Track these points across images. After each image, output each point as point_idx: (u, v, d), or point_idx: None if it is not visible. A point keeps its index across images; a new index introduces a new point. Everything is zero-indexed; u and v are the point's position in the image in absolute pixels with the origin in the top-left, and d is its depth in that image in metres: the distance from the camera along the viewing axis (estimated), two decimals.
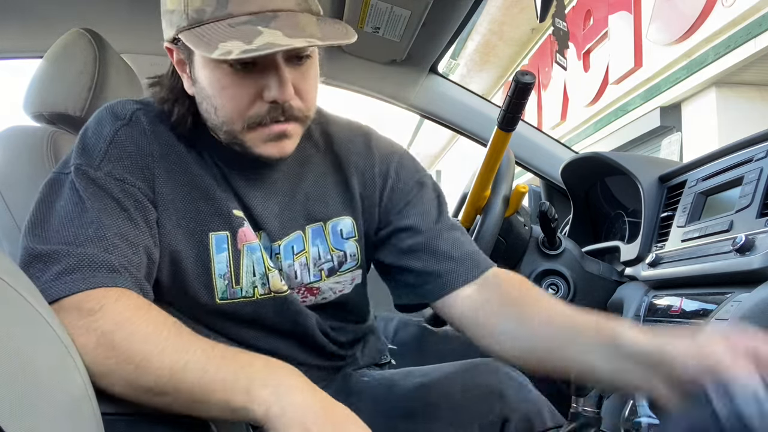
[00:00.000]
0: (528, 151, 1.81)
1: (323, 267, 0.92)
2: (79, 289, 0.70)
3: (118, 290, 0.72)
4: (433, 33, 1.56)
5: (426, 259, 0.90)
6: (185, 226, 0.85)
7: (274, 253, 0.90)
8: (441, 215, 0.94)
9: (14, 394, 0.46)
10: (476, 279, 0.88)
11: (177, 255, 0.84)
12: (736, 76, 5.58)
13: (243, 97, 0.77)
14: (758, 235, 0.86)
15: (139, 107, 0.86)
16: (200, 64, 0.79)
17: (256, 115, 0.78)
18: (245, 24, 0.73)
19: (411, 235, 0.92)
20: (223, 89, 0.78)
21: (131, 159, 0.82)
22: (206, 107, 0.81)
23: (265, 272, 0.89)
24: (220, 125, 0.81)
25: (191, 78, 0.82)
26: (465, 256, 0.90)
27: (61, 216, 0.77)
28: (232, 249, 0.87)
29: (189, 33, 0.75)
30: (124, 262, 0.75)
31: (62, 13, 1.51)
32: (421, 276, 0.90)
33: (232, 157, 0.86)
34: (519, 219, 1.21)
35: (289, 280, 0.91)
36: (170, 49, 0.83)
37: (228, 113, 0.79)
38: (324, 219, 0.92)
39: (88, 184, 0.79)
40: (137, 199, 0.81)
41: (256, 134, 0.80)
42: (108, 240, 0.75)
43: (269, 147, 0.81)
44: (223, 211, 0.86)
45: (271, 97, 0.76)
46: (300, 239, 0.91)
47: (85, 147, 0.82)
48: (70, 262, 0.72)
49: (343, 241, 0.93)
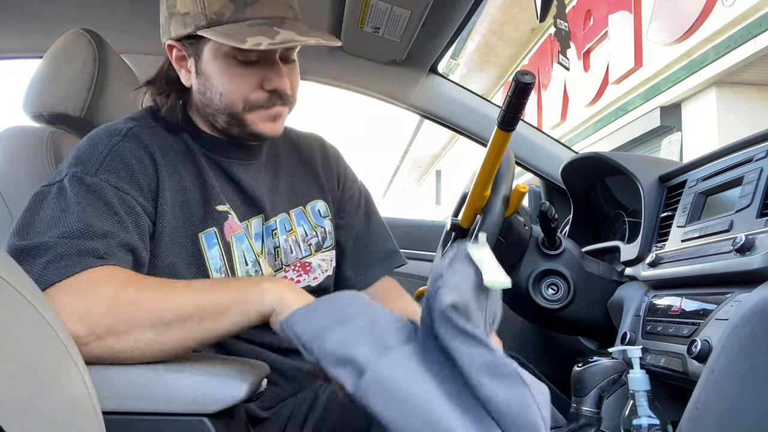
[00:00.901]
0: (528, 151, 1.81)
1: (311, 242, 1.07)
2: (71, 272, 0.73)
3: (106, 268, 0.77)
4: (433, 33, 1.56)
5: (344, 259, 1.14)
6: (178, 237, 0.91)
7: (271, 230, 1.03)
8: (369, 223, 1.17)
9: (14, 393, 0.46)
10: (367, 286, 1.13)
11: (173, 268, 0.90)
12: (736, 76, 5.58)
13: (246, 85, 0.93)
14: (758, 235, 0.86)
15: (133, 124, 0.95)
16: (210, 57, 0.93)
17: (257, 100, 0.94)
18: (262, 25, 0.89)
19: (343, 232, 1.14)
20: (230, 77, 0.93)
21: (128, 170, 0.88)
22: (209, 95, 0.95)
23: (256, 259, 0.98)
24: (222, 109, 0.95)
25: (193, 71, 0.96)
26: (372, 262, 1.15)
27: (47, 219, 0.79)
28: (222, 242, 0.95)
29: (211, 30, 0.89)
30: (110, 252, 0.79)
31: (62, 13, 1.51)
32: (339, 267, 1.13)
33: (223, 147, 1.00)
34: (519, 219, 1.21)
35: (286, 256, 1.04)
36: (171, 47, 0.96)
37: (232, 98, 0.94)
38: (303, 203, 1.09)
39: (81, 189, 0.82)
40: (130, 206, 0.85)
41: (255, 115, 0.95)
42: (96, 236, 0.78)
43: (266, 125, 0.97)
44: (209, 211, 0.95)
45: (272, 86, 0.93)
46: (287, 220, 1.05)
47: (81, 158, 0.87)
48: (59, 251, 0.75)
49: (322, 219, 1.10)
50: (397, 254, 1.19)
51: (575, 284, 1.24)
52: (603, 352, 1.37)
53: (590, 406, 0.93)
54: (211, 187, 0.96)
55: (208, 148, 0.99)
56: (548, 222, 1.21)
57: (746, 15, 5.03)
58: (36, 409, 0.48)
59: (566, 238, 1.29)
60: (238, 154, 1.01)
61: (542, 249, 1.25)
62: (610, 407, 1.01)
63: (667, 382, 0.97)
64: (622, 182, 1.42)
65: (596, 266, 1.28)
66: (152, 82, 1.01)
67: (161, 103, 0.98)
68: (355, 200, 1.18)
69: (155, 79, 1.01)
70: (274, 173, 1.07)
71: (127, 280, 0.76)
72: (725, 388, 0.76)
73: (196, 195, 0.94)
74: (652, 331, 1.02)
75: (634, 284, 1.21)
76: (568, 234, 1.62)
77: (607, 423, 0.97)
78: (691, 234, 1.05)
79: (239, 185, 1.00)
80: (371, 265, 1.16)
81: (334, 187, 1.15)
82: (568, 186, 1.61)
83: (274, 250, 1.02)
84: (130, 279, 0.76)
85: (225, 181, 0.99)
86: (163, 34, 0.97)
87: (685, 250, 1.04)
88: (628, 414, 0.91)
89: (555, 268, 1.24)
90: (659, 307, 1.05)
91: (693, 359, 0.84)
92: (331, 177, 1.15)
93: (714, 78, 5.60)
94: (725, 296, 0.88)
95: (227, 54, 0.92)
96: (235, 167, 1.00)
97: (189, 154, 0.97)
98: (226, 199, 0.97)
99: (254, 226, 1.00)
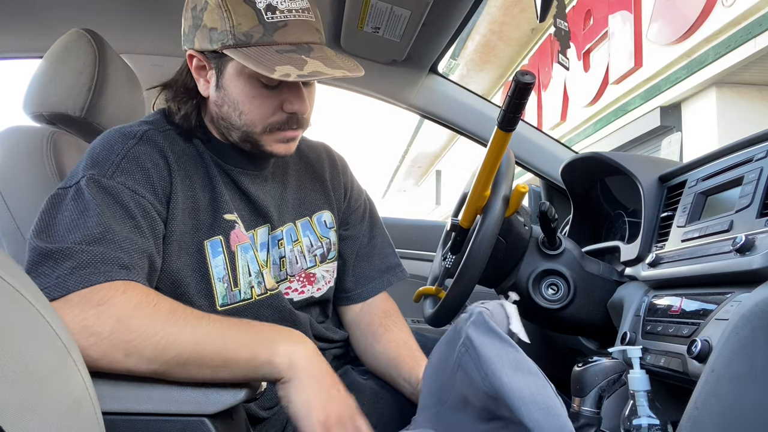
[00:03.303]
0: (528, 151, 1.81)
1: (316, 253, 1.07)
2: (94, 282, 0.73)
3: (125, 282, 0.76)
4: (433, 33, 1.56)
5: (345, 270, 1.14)
6: (185, 243, 0.91)
7: (277, 240, 1.02)
8: (372, 236, 1.18)
9: (15, 394, 0.46)
10: (365, 300, 1.14)
11: (178, 273, 0.90)
12: (736, 76, 5.58)
13: (268, 107, 0.92)
14: (758, 235, 0.86)
15: (148, 127, 0.95)
16: (233, 75, 0.91)
17: (276, 122, 0.93)
18: (291, 53, 0.87)
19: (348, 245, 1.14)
20: (252, 99, 0.92)
21: (145, 174, 0.88)
22: (226, 110, 0.94)
23: (260, 270, 0.97)
24: (240, 126, 0.94)
25: (213, 83, 0.94)
26: (373, 275, 1.15)
27: (67, 221, 0.79)
28: (227, 251, 0.94)
29: (238, 52, 0.87)
30: (132, 262, 0.79)
31: (62, 13, 1.51)
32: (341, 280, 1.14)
33: (233, 156, 0.99)
34: (519, 219, 1.21)
35: (292, 266, 1.03)
36: (192, 56, 0.94)
37: (252, 118, 0.93)
38: (309, 214, 1.08)
39: (99, 192, 0.81)
40: (146, 210, 0.84)
41: (272, 137, 0.95)
42: (117, 242, 0.79)
43: (280, 146, 0.96)
44: (216, 219, 0.94)
45: (293, 109, 0.92)
46: (293, 230, 1.05)
47: (96, 160, 0.86)
48: (83, 258, 0.75)
49: (328, 230, 1.10)
50: (398, 268, 1.19)
51: (575, 284, 1.24)
52: (603, 352, 1.37)
53: (590, 406, 0.93)
54: (220, 195, 0.95)
55: (219, 155, 0.99)
56: (548, 222, 1.21)
57: (746, 15, 5.03)
58: (36, 409, 0.48)
59: (566, 238, 1.29)
60: (246, 164, 1.00)
61: (542, 249, 1.25)
62: (610, 407, 1.01)
63: (667, 382, 0.97)
64: (622, 182, 1.42)
65: (596, 266, 1.28)
66: (169, 85, 1.00)
67: (176, 109, 0.97)
68: (360, 212, 1.17)
69: (172, 84, 1.00)
70: (282, 183, 1.07)
71: (140, 302, 0.74)
72: (725, 388, 0.76)
73: (205, 202, 0.94)
74: (652, 331, 1.02)
75: (634, 284, 1.20)
76: (568, 234, 1.62)
77: (607, 423, 0.97)
78: (691, 234, 1.05)
79: (246, 195, 0.99)
80: (372, 279, 1.15)
81: (340, 198, 1.14)
82: (568, 186, 1.60)
83: (280, 260, 1.02)
84: (144, 301, 0.75)
85: (233, 190, 0.99)
86: (185, 41, 0.95)
87: (685, 250, 1.04)
88: (628, 414, 0.91)
89: (555, 268, 1.24)
90: (659, 307, 1.05)
91: (693, 359, 0.84)
92: (339, 188, 1.15)
93: (714, 78, 5.59)
94: (725, 296, 0.88)
95: (251, 75, 0.90)
96: (243, 177, 0.99)
97: (200, 161, 0.97)
98: (234, 207, 0.97)
99: (260, 235, 1.00)
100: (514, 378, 0.65)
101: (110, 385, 0.70)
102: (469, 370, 0.70)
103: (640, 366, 0.93)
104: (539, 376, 0.68)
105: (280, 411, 1.01)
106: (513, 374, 0.66)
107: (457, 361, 0.72)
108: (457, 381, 0.72)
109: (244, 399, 0.72)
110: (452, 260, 1.19)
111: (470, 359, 0.70)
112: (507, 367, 0.67)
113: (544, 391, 0.66)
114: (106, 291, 0.73)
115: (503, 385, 0.65)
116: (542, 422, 0.62)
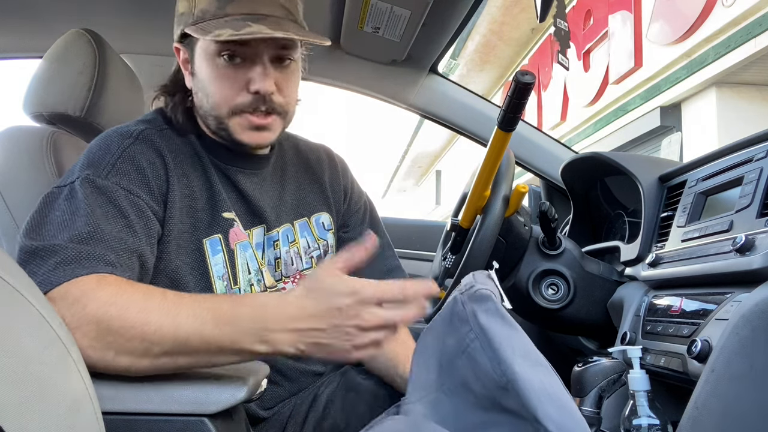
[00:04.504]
0: (528, 151, 1.81)
1: (313, 254, 1.06)
2: (76, 275, 0.72)
3: (111, 276, 0.74)
4: (433, 33, 1.56)
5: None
6: (184, 242, 0.90)
7: (273, 241, 1.01)
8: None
9: (14, 394, 0.46)
10: None
11: (177, 272, 0.89)
12: (736, 76, 5.58)
13: (231, 86, 0.90)
14: (758, 235, 0.86)
15: (145, 126, 0.94)
16: (200, 57, 0.92)
17: (241, 103, 0.91)
18: (238, 20, 0.87)
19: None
20: (215, 78, 0.91)
21: (140, 173, 0.87)
22: (201, 96, 0.94)
23: (259, 268, 0.97)
24: (209, 110, 0.93)
25: (192, 73, 0.95)
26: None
27: (57, 221, 0.78)
28: (226, 249, 0.94)
29: (194, 27, 0.89)
30: (119, 261, 0.77)
31: (62, 13, 1.51)
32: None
33: (230, 154, 0.98)
34: (519, 219, 1.21)
35: (287, 267, 1.02)
36: (178, 49, 0.97)
37: (217, 100, 0.92)
38: (308, 215, 1.07)
39: (93, 192, 0.81)
40: (141, 209, 0.84)
41: (238, 120, 0.92)
42: (105, 242, 0.78)
43: (251, 135, 0.93)
44: (215, 217, 0.94)
45: (254, 88, 0.89)
46: (291, 231, 1.04)
47: (92, 160, 0.85)
48: (67, 255, 0.74)
49: (326, 232, 1.09)
50: (398, 270, 1.17)
51: (575, 284, 1.24)
52: (603, 352, 1.37)
53: (590, 406, 0.93)
54: (218, 193, 0.95)
55: (215, 154, 0.98)
56: (548, 222, 1.21)
57: (746, 15, 5.02)
58: (36, 409, 0.48)
59: (566, 238, 1.29)
60: (243, 162, 0.99)
61: (542, 249, 1.25)
62: (610, 407, 1.01)
63: (667, 382, 0.97)
64: (622, 182, 1.42)
65: (596, 266, 1.28)
66: (167, 85, 1.01)
67: (166, 104, 0.98)
68: (360, 214, 1.17)
69: (169, 83, 1.01)
70: (280, 183, 1.06)
71: (112, 293, 0.70)
72: (725, 388, 0.76)
73: (203, 200, 0.94)
74: (652, 331, 1.02)
75: (634, 284, 1.20)
76: (568, 234, 1.62)
77: (607, 423, 0.97)
78: (691, 234, 1.05)
79: (243, 194, 0.99)
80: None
81: (340, 200, 1.14)
82: (568, 186, 1.60)
83: (275, 261, 1.02)
84: (114, 293, 0.71)
85: (230, 188, 0.98)
86: (174, 37, 0.98)
87: (685, 250, 1.04)
88: (628, 414, 0.91)
89: (555, 268, 1.24)
90: (659, 307, 1.05)
91: (693, 359, 0.84)
92: (338, 190, 1.14)
93: (714, 78, 5.59)
94: (725, 296, 0.88)
95: (213, 53, 0.90)
96: (239, 176, 0.99)
97: (198, 159, 0.96)
98: (232, 206, 0.97)
99: (255, 236, 0.99)
100: (524, 367, 0.65)
101: (110, 385, 0.69)
102: (477, 356, 0.68)
103: (640, 366, 0.94)
104: (549, 368, 0.68)
105: (280, 411, 1.01)
106: (523, 363, 0.65)
107: (463, 346, 0.70)
108: (458, 366, 0.70)
109: (244, 399, 0.72)
110: (452, 260, 1.19)
111: (479, 346, 0.68)
112: (519, 356, 0.66)
113: (555, 384, 0.66)
114: (88, 282, 0.71)
115: (515, 374, 0.64)
116: (555, 416, 0.61)
